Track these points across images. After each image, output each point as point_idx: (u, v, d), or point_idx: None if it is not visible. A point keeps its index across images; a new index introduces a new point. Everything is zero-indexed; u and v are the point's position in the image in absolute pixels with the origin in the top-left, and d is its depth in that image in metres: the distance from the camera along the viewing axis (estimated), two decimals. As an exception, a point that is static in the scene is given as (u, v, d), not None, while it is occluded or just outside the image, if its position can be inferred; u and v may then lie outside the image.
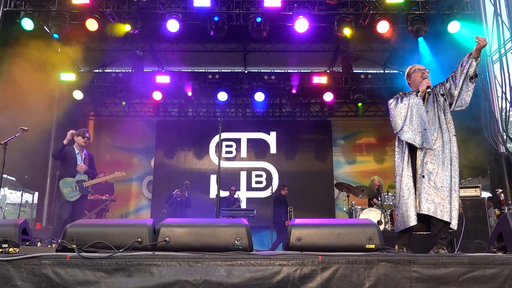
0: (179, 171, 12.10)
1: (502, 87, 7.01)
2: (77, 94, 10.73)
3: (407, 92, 3.99)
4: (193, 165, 12.30)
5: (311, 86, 10.91)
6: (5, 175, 9.51)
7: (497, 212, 6.64)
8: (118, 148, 12.05)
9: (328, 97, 11.04)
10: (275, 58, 11.24)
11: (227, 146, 12.38)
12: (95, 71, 11.34)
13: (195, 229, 2.96)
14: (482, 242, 5.51)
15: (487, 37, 7.43)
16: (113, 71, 11.23)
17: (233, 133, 12.37)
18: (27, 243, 3.10)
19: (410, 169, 3.80)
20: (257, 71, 11.72)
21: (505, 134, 7.04)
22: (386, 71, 11.69)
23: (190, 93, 10.95)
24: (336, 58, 11.38)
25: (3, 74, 8.05)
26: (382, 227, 6.73)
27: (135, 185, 12.26)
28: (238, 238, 2.89)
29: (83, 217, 6.08)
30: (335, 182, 11.08)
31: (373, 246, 2.95)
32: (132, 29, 8.34)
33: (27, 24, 8.03)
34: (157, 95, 11.03)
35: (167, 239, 2.89)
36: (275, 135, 12.49)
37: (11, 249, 2.81)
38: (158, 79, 10.72)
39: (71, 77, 10.45)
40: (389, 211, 6.91)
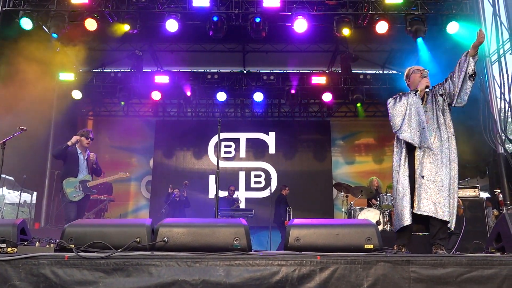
0: (178, 171, 12.10)
1: (500, 87, 7.03)
2: (76, 94, 10.72)
3: (406, 92, 4.00)
4: (192, 165, 12.30)
5: (310, 86, 10.90)
6: (3, 174, 9.50)
7: (496, 212, 6.64)
8: (117, 148, 12.04)
9: (327, 97, 11.05)
10: (274, 58, 11.25)
11: (226, 146, 12.39)
12: (94, 71, 11.32)
13: (194, 229, 2.95)
14: (480, 242, 5.53)
15: (486, 38, 7.45)
16: (112, 71, 11.22)
17: (232, 133, 12.37)
18: (26, 243, 3.09)
19: (406, 169, 3.80)
20: (256, 71, 11.71)
21: (503, 134, 7.05)
22: (385, 72, 11.70)
23: (189, 93, 10.96)
24: (335, 58, 11.39)
25: (1, 73, 8.05)
26: (380, 227, 6.73)
27: (133, 185, 12.25)
28: (236, 238, 2.88)
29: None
30: (334, 182, 11.07)
31: (371, 246, 2.95)
32: (131, 29, 8.34)
33: (26, 23, 8.02)
34: (156, 95, 11.02)
35: (165, 239, 2.88)
36: (274, 135, 12.50)
37: (9, 249, 2.80)
38: (157, 79, 10.72)
39: (70, 76, 10.43)
40: (388, 211, 6.90)
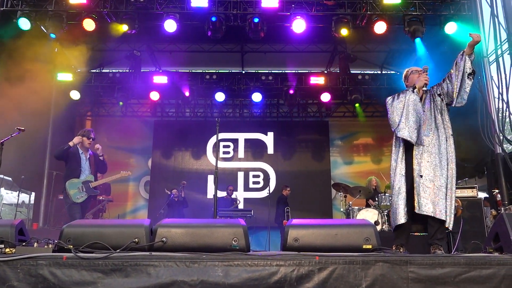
0: (177, 172, 12.09)
1: (498, 87, 7.05)
2: (74, 94, 10.70)
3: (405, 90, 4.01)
4: (190, 165, 12.30)
5: (309, 86, 10.92)
6: (1, 175, 9.53)
7: (494, 212, 6.65)
8: (115, 148, 12.02)
9: (325, 97, 11.06)
10: (273, 58, 11.25)
11: (225, 146, 12.39)
12: (92, 71, 11.30)
13: (192, 229, 2.95)
14: (478, 242, 5.54)
15: (484, 38, 7.47)
16: (110, 71, 11.21)
17: (230, 133, 12.37)
18: (24, 244, 3.08)
19: (403, 168, 3.81)
20: (254, 71, 11.72)
21: (501, 135, 7.07)
22: (383, 72, 11.72)
23: (187, 94, 10.96)
24: (333, 58, 11.40)
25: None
26: (379, 227, 6.74)
27: (132, 185, 12.24)
28: (235, 238, 2.88)
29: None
30: (332, 182, 11.07)
31: (370, 246, 2.95)
32: (129, 29, 8.32)
33: (24, 24, 7.99)
34: (155, 95, 11.01)
35: (164, 239, 2.88)
36: (273, 135, 12.51)
37: (7, 250, 2.79)
38: (155, 79, 10.72)
39: (68, 77, 10.42)
40: (386, 211, 6.91)
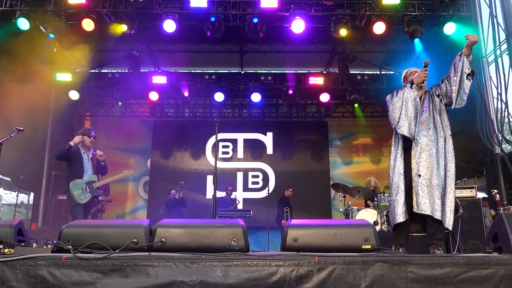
0: (176, 172, 12.09)
1: (497, 88, 7.05)
2: (73, 94, 10.69)
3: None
4: (189, 165, 12.29)
5: (308, 87, 10.93)
6: (0, 175, 9.53)
7: (493, 212, 6.66)
8: (114, 148, 12.01)
9: (324, 98, 11.07)
10: (272, 58, 11.25)
11: (224, 146, 12.38)
12: (91, 71, 11.28)
13: (192, 229, 2.95)
14: (477, 242, 5.54)
15: (483, 39, 7.47)
16: (110, 71, 11.21)
17: (229, 133, 12.37)
18: (23, 244, 3.07)
19: (401, 167, 3.82)
20: (253, 71, 11.72)
21: (500, 135, 7.07)
22: (382, 72, 11.73)
23: (186, 94, 10.96)
24: (332, 59, 11.40)
25: (-2, 74, 8.01)
26: (378, 227, 6.74)
27: (131, 185, 12.24)
28: (234, 238, 2.88)
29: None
30: (331, 182, 11.09)
31: (369, 246, 2.95)
32: (128, 29, 8.31)
33: (23, 24, 7.97)
34: (154, 96, 11.01)
35: (163, 239, 2.88)
36: (272, 135, 12.51)
37: (6, 250, 2.79)
38: (154, 79, 10.71)
39: (67, 77, 10.41)
40: (385, 211, 6.91)
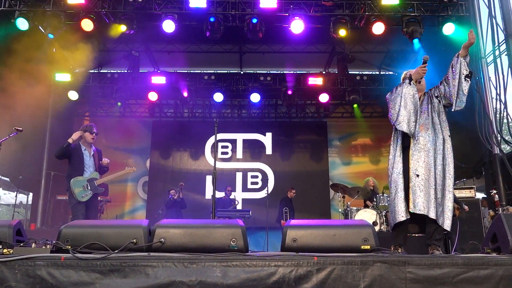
0: (175, 172, 12.09)
1: (496, 88, 7.06)
2: (72, 94, 10.69)
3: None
4: (188, 166, 12.29)
5: (307, 87, 10.93)
6: (-1, 175, 9.53)
7: (492, 213, 6.66)
8: (113, 148, 11.99)
9: (323, 98, 11.08)
10: (271, 59, 11.26)
11: (223, 147, 12.38)
12: (91, 71, 11.27)
13: (191, 230, 2.94)
14: (476, 243, 5.54)
15: (482, 39, 7.49)
16: (109, 71, 11.21)
17: (228, 134, 12.37)
18: (21, 244, 3.07)
19: (400, 167, 3.81)
20: (253, 72, 11.73)
21: (499, 135, 7.08)
22: (381, 73, 11.75)
23: (185, 94, 10.96)
24: (331, 59, 11.41)
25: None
26: (377, 228, 6.75)
27: (130, 185, 12.23)
28: (233, 239, 2.88)
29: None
30: (330, 183, 11.09)
31: (368, 247, 2.95)
32: (127, 30, 8.31)
33: (22, 24, 7.97)
34: (153, 96, 11.01)
35: (162, 240, 2.87)
36: (271, 136, 12.52)
37: (5, 250, 2.78)
38: (153, 79, 10.71)
39: (66, 77, 10.41)
40: (384, 212, 6.92)
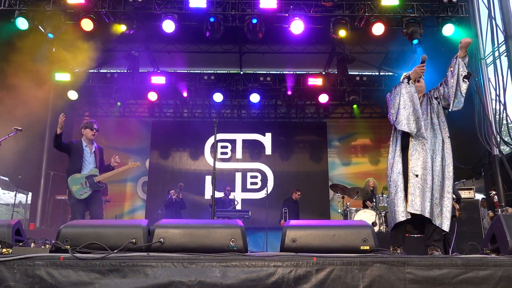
0: (174, 172, 12.09)
1: (495, 89, 7.07)
2: (72, 94, 10.68)
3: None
4: (188, 166, 12.29)
5: (307, 87, 10.93)
6: (-2, 175, 9.52)
7: (491, 213, 6.67)
8: (113, 148, 11.95)
9: (323, 98, 11.08)
10: (271, 59, 11.26)
11: (222, 147, 12.38)
12: (90, 71, 11.25)
13: (190, 230, 2.95)
14: (475, 243, 5.55)
15: (481, 40, 7.50)
16: (108, 71, 11.20)
17: (228, 134, 12.37)
18: (21, 244, 3.07)
19: (400, 167, 3.82)
20: (252, 72, 11.73)
21: (498, 136, 7.08)
22: (381, 73, 11.75)
23: (185, 94, 10.95)
24: (331, 60, 11.42)
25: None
26: (376, 228, 6.75)
27: (129, 185, 12.23)
28: (233, 239, 2.88)
29: (102, 215, 5.59)
30: (330, 183, 11.09)
31: (367, 247, 2.95)
32: (127, 30, 8.30)
33: (22, 23, 7.96)
34: (152, 96, 11.00)
35: (161, 240, 2.87)
36: (271, 136, 12.51)
37: (4, 250, 2.78)
38: (153, 79, 10.71)
39: (66, 77, 10.40)
40: (384, 212, 6.92)
